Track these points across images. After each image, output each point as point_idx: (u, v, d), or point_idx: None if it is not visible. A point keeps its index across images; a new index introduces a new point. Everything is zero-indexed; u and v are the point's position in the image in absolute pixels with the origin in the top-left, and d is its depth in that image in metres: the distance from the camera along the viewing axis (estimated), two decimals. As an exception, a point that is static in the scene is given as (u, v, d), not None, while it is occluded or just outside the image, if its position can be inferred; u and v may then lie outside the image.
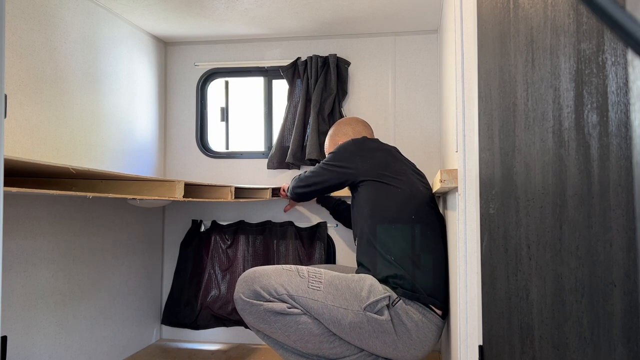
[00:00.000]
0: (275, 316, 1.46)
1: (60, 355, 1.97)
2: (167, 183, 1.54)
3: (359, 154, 1.78)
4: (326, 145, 2.15)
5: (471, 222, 1.18)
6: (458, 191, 1.22)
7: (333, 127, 2.14)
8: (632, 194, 0.37)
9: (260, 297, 1.47)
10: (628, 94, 0.38)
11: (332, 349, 1.51)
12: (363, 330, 1.49)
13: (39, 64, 1.87)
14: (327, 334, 1.50)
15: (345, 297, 1.50)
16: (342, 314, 1.48)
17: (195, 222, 2.73)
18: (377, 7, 2.27)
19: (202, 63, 2.79)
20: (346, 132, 2.05)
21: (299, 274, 1.52)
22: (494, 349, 0.98)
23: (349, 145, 1.81)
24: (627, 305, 0.39)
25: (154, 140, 2.71)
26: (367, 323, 1.48)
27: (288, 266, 1.57)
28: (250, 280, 1.51)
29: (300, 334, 1.48)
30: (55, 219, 1.94)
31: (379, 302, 1.50)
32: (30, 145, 1.84)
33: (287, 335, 1.48)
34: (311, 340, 1.49)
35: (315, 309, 1.47)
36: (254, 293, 1.47)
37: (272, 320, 1.47)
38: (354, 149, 1.80)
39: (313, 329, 1.48)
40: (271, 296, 1.47)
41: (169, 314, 2.68)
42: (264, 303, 1.47)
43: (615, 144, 0.41)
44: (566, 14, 0.53)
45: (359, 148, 1.80)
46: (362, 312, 1.49)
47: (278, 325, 1.47)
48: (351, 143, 1.82)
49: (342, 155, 1.79)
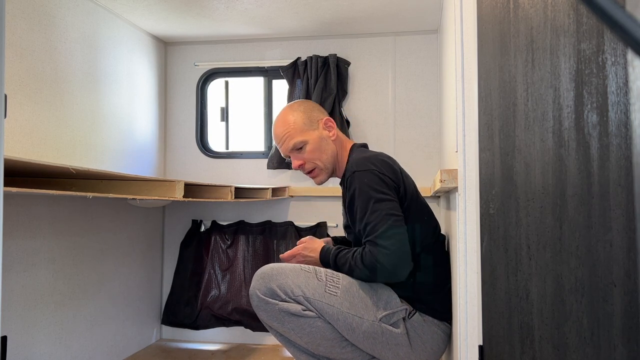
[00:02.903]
0: (289, 317, 1.45)
1: (60, 355, 1.97)
2: (167, 183, 1.54)
3: (398, 169, 1.57)
4: (288, 131, 1.61)
5: (471, 222, 1.18)
6: (458, 191, 1.22)
7: (296, 112, 1.64)
8: (632, 194, 0.37)
9: (276, 296, 1.45)
10: (628, 94, 0.38)
11: (343, 354, 1.50)
12: (377, 341, 1.47)
13: (39, 64, 1.87)
14: (340, 339, 1.48)
15: (362, 306, 1.47)
16: (357, 322, 1.45)
17: (195, 222, 2.73)
18: (377, 7, 2.27)
19: (202, 63, 2.79)
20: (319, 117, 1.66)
21: (316, 277, 1.48)
22: (494, 349, 0.98)
23: (380, 158, 1.54)
24: (627, 305, 0.39)
25: (154, 140, 2.71)
26: (381, 334, 1.46)
27: (307, 266, 1.52)
28: (267, 277, 1.47)
29: (313, 337, 1.47)
30: (55, 219, 1.94)
31: (395, 314, 1.48)
32: (30, 145, 1.84)
33: (300, 336, 1.47)
34: (323, 344, 1.48)
35: (330, 314, 1.45)
36: (270, 291, 1.45)
37: (285, 320, 1.45)
38: (390, 162, 1.55)
39: (326, 333, 1.47)
40: (287, 296, 1.45)
41: (169, 314, 2.68)
42: (279, 303, 1.45)
43: (615, 144, 0.41)
44: (566, 14, 0.53)
45: (393, 162, 1.57)
46: (377, 323, 1.46)
47: (291, 326, 1.46)
48: (379, 156, 1.56)
49: (384, 175, 1.48)
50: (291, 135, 1.60)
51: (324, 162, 1.62)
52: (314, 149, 1.60)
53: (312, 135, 1.61)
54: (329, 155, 1.62)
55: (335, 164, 1.65)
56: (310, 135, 1.60)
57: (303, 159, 1.61)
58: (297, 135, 1.60)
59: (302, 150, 1.61)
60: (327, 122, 1.64)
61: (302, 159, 1.61)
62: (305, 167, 1.63)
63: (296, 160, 1.62)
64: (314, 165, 1.62)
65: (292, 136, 1.60)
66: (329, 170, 1.64)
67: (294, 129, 1.60)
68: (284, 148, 1.64)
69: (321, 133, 1.62)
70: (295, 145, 1.60)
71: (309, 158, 1.61)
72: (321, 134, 1.62)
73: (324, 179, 1.65)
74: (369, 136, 2.62)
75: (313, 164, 1.62)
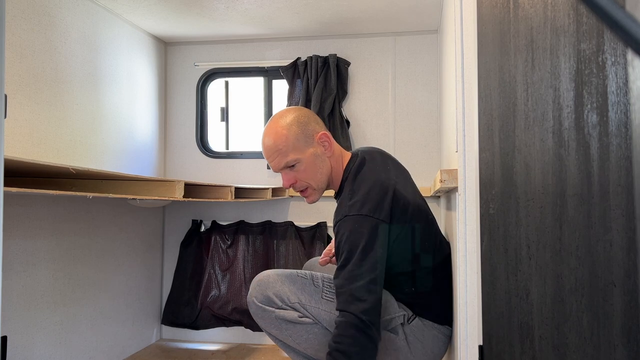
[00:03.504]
0: (286, 324, 1.44)
1: (60, 355, 1.97)
2: (167, 183, 1.54)
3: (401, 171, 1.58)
4: (279, 147, 1.47)
5: (471, 222, 1.18)
6: (458, 191, 1.22)
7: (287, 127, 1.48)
8: (632, 194, 0.37)
9: (273, 304, 1.44)
10: (628, 94, 0.38)
11: None
12: None
13: (39, 64, 1.87)
14: None
15: None
16: None
17: (195, 222, 2.73)
18: (377, 7, 2.27)
19: (202, 63, 2.79)
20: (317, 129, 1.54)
21: (313, 283, 1.47)
22: (494, 349, 0.98)
23: (383, 157, 1.58)
24: (627, 305, 0.39)
25: (154, 140, 2.71)
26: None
27: (303, 272, 1.50)
28: (264, 284, 1.46)
29: (311, 343, 1.46)
30: (55, 219, 1.94)
31: (393, 320, 1.47)
32: (30, 145, 1.84)
33: (298, 342, 1.46)
34: (322, 349, 1.47)
35: (328, 320, 1.44)
36: (266, 298, 1.45)
37: (283, 327, 1.45)
38: (385, 188, 1.46)
39: (324, 340, 1.46)
40: (284, 303, 1.44)
41: (169, 314, 2.68)
42: (275, 310, 1.44)
43: (615, 144, 0.41)
44: (566, 14, 0.53)
45: (388, 182, 1.49)
46: None
47: (289, 333, 1.45)
48: (382, 154, 1.59)
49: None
50: (282, 152, 1.46)
51: (317, 182, 1.50)
52: (307, 168, 1.47)
53: (306, 153, 1.47)
54: (323, 174, 1.50)
55: (329, 182, 1.55)
56: (304, 153, 1.46)
57: (295, 178, 1.49)
58: (290, 153, 1.45)
59: (294, 169, 1.48)
60: (322, 137, 1.50)
61: (294, 178, 1.49)
62: (296, 185, 1.51)
63: (287, 179, 1.50)
64: (307, 185, 1.50)
65: (283, 154, 1.46)
66: (322, 189, 1.54)
67: (285, 145, 1.45)
68: (274, 165, 1.49)
69: (316, 150, 1.48)
70: (287, 163, 1.46)
71: (301, 177, 1.49)
72: (316, 151, 1.48)
73: (315, 199, 1.55)
74: (369, 136, 2.62)
75: (306, 184, 1.50)
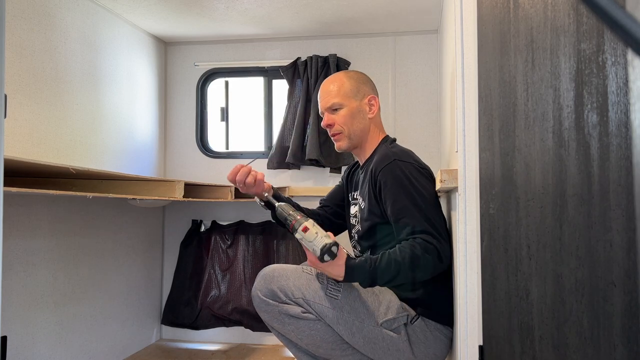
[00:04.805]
0: (289, 318, 1.45)
1: (60, 355, 1.97)
2: (167, 183, 1.54)
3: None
4: (332, 90, 1.67)
5: (471, 222, 1.18)
6: (458, 191, 1.22)
7: (350, 79, 1.70)
8: (632, 194, 0.37)
9: (277, 298, 1.46)
10: (628, 94, 0.38)
11: (344, 357, 1.50)
12: (377, 346, 1.47)
13: (39, 64, 1.87)
14: (340, 342, 1.48)
15: (363, 310, 1.46)
16: (357, 326, 1.45)
17: (195, 222, 2.73)
18: (377, 7, 2.27)
19: (202, 63, 2.79)
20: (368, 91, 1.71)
21: (318, 279, 1.48)
22: (494, 349, 0.98)
23: (408, 155, 1.60)
24: (627, 305, 0.39)
25: (154, 140, 2.71)
26: (382, 339, 1.46)
27: (308, 268, 1.52)
28: (269, 278, 1.48)
29: (313, 339, 1.47)
30: (55, 219, 1.94)
31: (397, 320, 1.47)
32: (30, 145, 1.84)
33: (300, 338, 1.47)
34: (323, 346, 1.48)
35: (330, 317, 1.45)
36: (270, 292, 1.46)
37: (285, 322, 1.46)
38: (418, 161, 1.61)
39: (325, 336, 1.47)
40: (287, 298, 1.45)
41: (168, 314, 2.68)
42: (279, 304, 1.45)
43: (615, 144, 0.41)
44: (566, 14, 0.53)
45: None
46: (378, 328, 1.46)
47: (291, 328, 1.46)
48: (407, 152, 1.62)
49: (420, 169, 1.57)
50: (333, 94, 1.65)
51: (350, 131, 1.64)
52: (346, 115, 1.64)
53: (352, 103, 1.64)
54: (358, 128, 1.65)
55: (362, 140, 1.66)
56: (350, 103, 1.64)
57: (333, 120, 1.65)
58: (339, 97, 1.64)
59: (337, 112, 1.65)
60: (370, 100, 1.67)
61: (333, 120, 1.65)
62: (332, 127, 1.66)
63: (327, 119, 1.67)
64: (341, 130, 1.65)
65: (333, 95, 1.65)
66: (353, 141, 1.66)
67: (338, 89, 1.65)
68: (322, 104, 1.69)
69: (361, 105, 1.66)
70: (333, 105, 1.64)
71: (339, 122, 1.64)
72: (360, 106, 1.65)
73: (344, 145, 1.67)
74: (369, 136, 2.61)
75: (340, 128, 1.65)
